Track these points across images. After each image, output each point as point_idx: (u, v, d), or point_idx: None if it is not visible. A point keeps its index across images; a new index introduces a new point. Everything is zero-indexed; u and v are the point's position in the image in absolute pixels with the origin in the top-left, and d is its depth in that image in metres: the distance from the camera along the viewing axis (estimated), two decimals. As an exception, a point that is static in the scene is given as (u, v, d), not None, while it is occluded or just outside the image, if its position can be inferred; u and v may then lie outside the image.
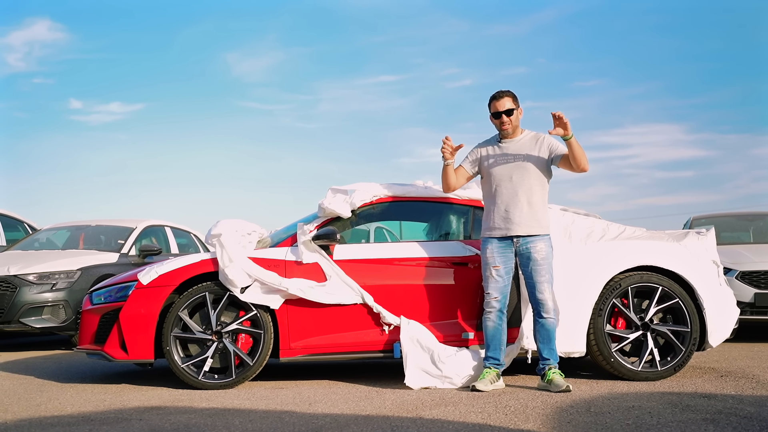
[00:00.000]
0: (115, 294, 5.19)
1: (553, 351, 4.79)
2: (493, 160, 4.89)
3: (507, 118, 4.85)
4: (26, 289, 7.50)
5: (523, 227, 4.76)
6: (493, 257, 4.80)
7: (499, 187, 4.84)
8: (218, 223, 5.20)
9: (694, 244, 5.28)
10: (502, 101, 4.86)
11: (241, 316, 5.03)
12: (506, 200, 4.81)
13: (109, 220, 9.53)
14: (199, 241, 10.34)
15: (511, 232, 4.77)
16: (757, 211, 10.10)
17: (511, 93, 4.90)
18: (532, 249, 4.75)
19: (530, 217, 4.77)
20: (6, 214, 10.11)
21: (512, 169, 4.83)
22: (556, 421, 3.71)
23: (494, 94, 4.91)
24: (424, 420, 3.79)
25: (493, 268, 4.79)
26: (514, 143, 4.90)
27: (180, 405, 4.39)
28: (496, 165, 4.86)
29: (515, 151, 4.86)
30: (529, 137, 4.93)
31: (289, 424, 3.74)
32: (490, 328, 4.79)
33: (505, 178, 4.83)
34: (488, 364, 4.80)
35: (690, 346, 5.01)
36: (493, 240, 4.83)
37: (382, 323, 5.04)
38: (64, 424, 3.87)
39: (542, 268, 4.75)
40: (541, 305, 4.75)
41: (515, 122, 4.89)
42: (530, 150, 4.86)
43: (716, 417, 3.74)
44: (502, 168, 4.84)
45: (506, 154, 4.87)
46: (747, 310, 7.12)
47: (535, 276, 4.75)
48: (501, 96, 4.87)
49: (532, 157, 4.84)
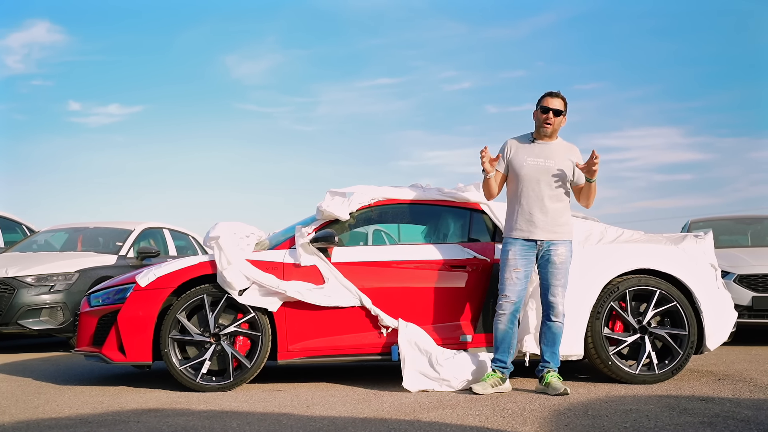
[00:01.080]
0: (113, 296, 5.19)
1: (555, 355, 4.79)
2: (522, 159, 4.83)
3: (554, 117, 4.82)
4: (24, 290, 7.49)
5: (546, 232, 4.75)
6: (515, 260, 4.76)
7: (525, 188, 4.81)
8: (216, 226, 5.20)
9: (692, 248, 5.29)
10: (555, 100, 4.84)
11: (239, 318, 5.03)
12: (532, 203, 4.77)
13: (108, 222, 9.52)
14: (198, 244, 10.34)
15: (534, 236, 4.75)
16: (755, 215, 10.11)
17: (565, 99, 4.89)
18: (553, 252, 4.75)
19: (554, 222, 4.76)
20: (4, 216, 10.11)
21: (541, 171, 4.78)
22: (554, 425, 3.72)
23: (550, 91, 4.89)
24: (421, 423, 3.79)
25: (514, 270, 4.75)
26: (547, 146, 4.86)
27: (178, 407, 4.39)
28: (526, 165, 4.81)
29: (547, 154, 4.83)
30: (563, 144, 4.92)
31: (287, 427, 3.74)
32: (500, 330, 4.77)
33: (533, 180, 4.78)
34: (495, 366, 4.79)
35: (688, 350, 5.02)
36: (517, 242, 4.79)
37: (380, 326, 5.04)
38: (62, 426, 3.87)
39: (559, 271, 4.75)
40: (552, 308, 4.75)
41: (557, 125, 4.86)
42: (561, 156, 4.83)
43: (714, 420, 3.74)
44: (531, 169, 4.79)
45: (538, 156, 4.82)
46: (745, 313, 7.12)
47: (551, 278, 4.75)
48: (556, 95, 4.86)
49: (563, 163, 4.81)
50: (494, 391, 4.67)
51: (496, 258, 5.16)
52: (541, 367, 4.78)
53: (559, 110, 4.83)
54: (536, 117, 4.91)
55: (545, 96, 4.88)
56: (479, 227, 5.40)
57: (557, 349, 4.80)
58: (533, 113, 4.94)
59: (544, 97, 4.88)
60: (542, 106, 4.86)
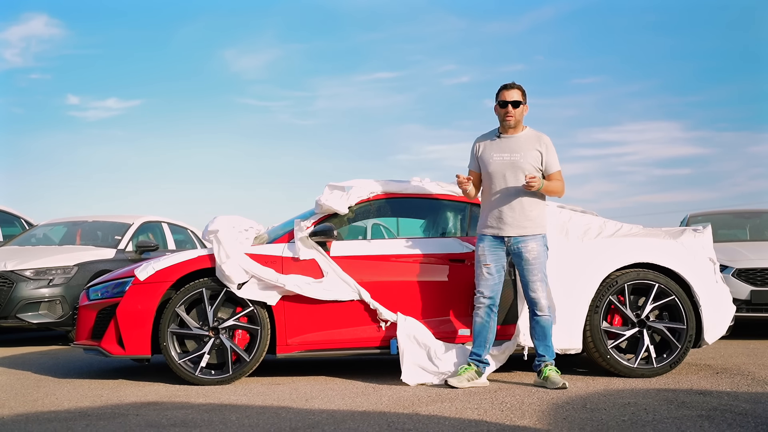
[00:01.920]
0: (112, 290, 5.19)
1: (549, 348, 4.78)
2: (489, 156, 4.83)
3: (513, 109, 4.78)
4: (23, 284, 7.49)
5: (514, 228, 4.74)
6: (485, 255, 4.79)
7: (493, 184, 4.81)
8: (215, 220, 5.20)
9: (690, 242, 5.29)
10: (512, 92, 4.81)
11: (238, 312, 5.03)
12: (500, 199, 4.77)
13: (106, 216, 9.50)
14: (196, 238, 10.33)
15: (503, 232, 4.75)
16: (754, 209, 10.12)
17: (522, 88, 4.86)
18: (523, 249, 4.73)
19: (522, 217, 4.74)
20: (3, 210, 10.09)
21: (507, 166, 4.77)
22: (552, 418, 3.72)
23: (505, 84, 4.86)
24: (420, 416, 3.80)
25: (484, 266, 4.78)
26: (512, 139, 4.84)
27: (177, 400, 4.39)
28: (492, 161, 4.81)
29: (512, 147, 4.81)
30: (530, 134, 4.87)
31: (286, 420, 3.75)
32: (477, 324, 4.79)
33: (500, 175, 4.78)
34: (470, 359, 4.80)
35: (686, 343, 5.02)
36: (486, 238, 4.81)
37: (378, 320, 5.04)
38: (61, 419, 3.87)
39: (534, 267, 4.72)
40: (535, 303, 4.74)
41: (519, 116, 4.83)
42: (528, 147, 4.80)
43: (712, 414, 3.75)
44: (497, 165, 4.79)
45: (503, 150, 4.81)
46: (743, 307, 7.13)
47: (528, 275, 4.73)
48: (511, 87, 4.83)
49: (529, 155, 4.77)
50: (470, 385, 4.66)
51: (495, 252, 5.16)
52: (538, 361, 4.79)
53: (518, 101, 4.79)
54: (497, 112, 4.88)
55: (501, 90, 4.85)
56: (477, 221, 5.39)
57: (550, 341, 4.79)
58: (494, 108, 4.90)
59: (500, 91, 4.85)
60: (500, 100, 4.83)
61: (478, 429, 3.48)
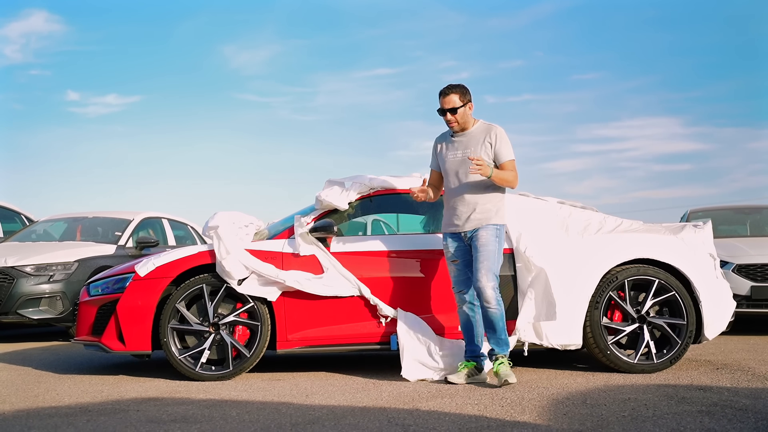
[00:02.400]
0: (112, 285, 5.19)
1: (500, 340, 4.67)
2: (444, 155, 4.85)
3: (451, 116, 4.73)
4: (24, 280, 7.49)
5: (469, 222, 4.71)
6: (450, 252, 4.81)
7: (448, 183, 4.84)
8: (215, 215, 5.20)
9: (691, 237, 5.29)
10: (448, 98, 4.72)
11: (239, 308, 5.03)
12: (454, 196, 4.78)
13: (107, 211, 9.51)
14: (196, 233, 10.33)
15: (459, 228, 4.75)
16: (754, 205, 10.12)
17: (460, 89, 4.74)
18: (475, 238, 4.69)
19: (476, 211, 4.70)
20: (3, 206, 10.10)
21: (459, 164, 4.76)
22: (552, 414, 3.73)
23: (442, 89, 4.76)
24: (420, 412, 3.80)
25: (452, 262, 4.80)
26: (466, 136, 4.80)
27: (177, 396, 4.40)
28: (446, 160, 4.82)
29: (463, 145, 4.78)
30: (481, 128, 4.79)
31: (286, 416, 3.75)
32: (463, 321, 4.82)
33: (453, 173, 4.80)
34: (467, 357, 4.81)
35: (686, 339, 5.03)
36: (448, 236, 4.83)
37: (378, 315, 5.05)
38: (62, 414, 3.88)
39: (481, 254, 4.62)
40: (480, 293, 4.61)
41: (461, 119, 4.75)
42: (477, 143, 4.74)
43: (712, 409, 3.75)
44: (450, 163, 4.80)
45: (456, 149, 4.80)
46: (743, 303, 7.13)
47: (475, 263, 4.65)
48: (448, 93, 4.72)
49: (479, 148, 4.72)
50: (470, 381, 4.66)
51: (495, 248, 5.16)
52: (489, 355, 4.74)
53: (455, 108, 4.71)
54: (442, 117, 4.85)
55: (439, 96, 4.77)
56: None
57: (501, 333, 4.64)
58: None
59: (439, 98, 4.78)
60: (438, 109, 4.80)
61: (478, 425, 3.49)
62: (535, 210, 5.42)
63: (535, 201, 5.56)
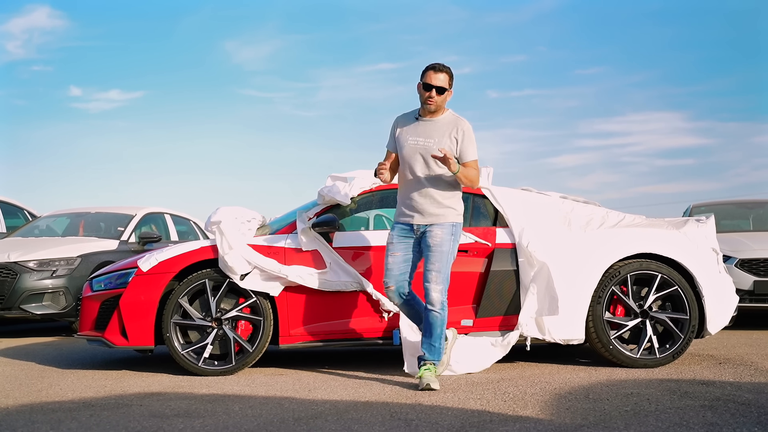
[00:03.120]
0: (115, 281, 5.20)
1: (432, 347, 4.44)
2: (404, 139, 4.56)
3: (436, 95, 4.46)
4: (27, 275, 7.50)
5: (424, 216, 4.50)
6: (393, 244, 4.58)
7: (405, 170, 4.56)
8: (218, 210, 5.20)
9: (693, 232, 5.28)
10: (439, 75, 4.46)
11: (241, 303, 5.04)
12: (412, 186, 4.53)
13: (109, 207, 9.52)
14: (199, 229, 10.34)
15: (413, 220, 4.53)
16: (757, 199, 10.10)
17: (451, 72, 4.52)
18: (428, 235, 4.47)
19: (434, 205, 4.49)
20: (6, 201, 10.10)
21: (423, 151, 4.49)
22: (555, 408, 3.73)
23: (434, 64, 4.50)
24: (423, 406, 3.81)
25: (391, 255, 4.56)
26: (432, 123, 4.55)
27: (180, 391, 4.41)
28: (406, 144, 4.54)
29: (430, 131, 4.52)
30: (449, 119, 4.57)
31: (289, 410, 3.76)
32: (406, 313, 4.71)
33: (412, 161, 4.51)
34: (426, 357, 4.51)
35: (689, 334, 5.02)
36: (397, 226, 4.60)
37: (381, 310, 5.05)
38: (65, 409, 3.88)
39: (434, 255, 4.43)
40: (426, 295, 4.42)
41: (441, 102, 4.51)
42: (445, 133, 4.51)
43: (714, 404, 3.75)
44: (410, 149, 4.52)
45: (418, 134, 4.53)
46: (746, 297, 7.13)
47: (426, 263, 4.46)
48: (440, 70, 4.47)
49: (443, 141, 4.49)
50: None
51: (498, 243, 5.16)
52: (418, 359, 4.54)
53: (443, 88, 4.47)
54: (419, 91, 4.53)
55: (428, 70, 4.48)
56: (480, 212, 5.39)
57: (436, 340, 4.43)
58: (417, 85, 4.54)
59: (426, 71, 4.49)
60: (424, 82, 4.48)
61: (480, 419, 3.49)
62: (538, 205, 5.42)
63: (538, 196, 5.56)
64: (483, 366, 4.90)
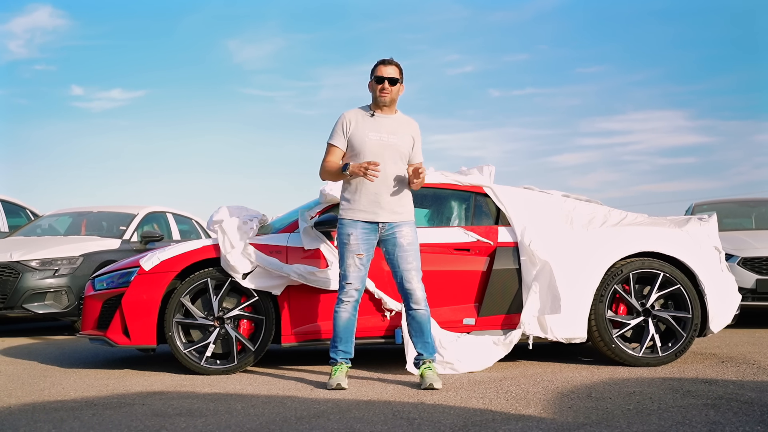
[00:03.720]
0: (117, 280, 5.20)
1: (427, 344, 4.48)
2: (363, 133, 4.45)
3: (389, 86, 4.46)
4: (29, 274, 7.51)
5: (390, 213, 4.44)
6: (358, 244, 4.41)
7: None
8: (220, 209, 5.20)
9: (695, 231, 5.28)
10: (389, 68, 4.48)
11: (243, 302, 5.04)
12: (378, 182, 4.39)
13: (111, 206, 9.53)
14: (201, 228, 10.35)
15: (378, 217, 4.42)
16: (759, 198, 10.10)
17: (400, 66, 4.54)
18: (398, 234, 4.43)
19: (398, 202, 4.46)
20: (8, 200, 10.12)
21: (385, 147, 4.43)
22: (557, 407, 3.73)
23: (383, 59, 4.52)
24: (425, 405, 3.81)
25: (357, 256, 4.41)
26: (389, 119, 4.52)
27: (182, 390, 4.41)
28: (369, 140, 4.43)
29: (389, 127, 4.49)
30: (404, 118, 4.60)
31: (291, 409, 3.76)
32: (344, 320, 4.43)
33: (378, 156, 4.40)
34: (340, 358, 4.47)
35: (691, 332, 5.02)
36: (358, 224, 4.43)
37: (383, 309, 5.05)
38: (68, 408, 3.89)
39: (409, 254, 4.44)
40: (411, 295, 4.44)
41: (395, 95, 4.51)
42: (404, 131, 4.52)
43: (717, 402, 3.75)
44: (375, 144, 4.43)
45: (379, 130, 4.47)
46: (748, 296, 7.13)
47: (402, 263, 4.43)
48: (390, 63, 4.50)
49: (405, 138, 4.51)
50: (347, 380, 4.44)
51: (500, 241, 5.16)
52: (416, 360, 4.55)
53: (395, 78, 4.47)
54: (372, 88, 4.54)
55: (378, 65, 4.51)
56: (482, 210, 5.39)
57: (428, 337, 4.48)
58: (368, 84, 4.56)
59: (377, 66, 4.52)
60: (376, 75, 4.49)
61: (483, 418, 3.49)
62: (540, 203, 5.41)
63: (540, 194, 5.55)
64: (485, 365, 4.91)
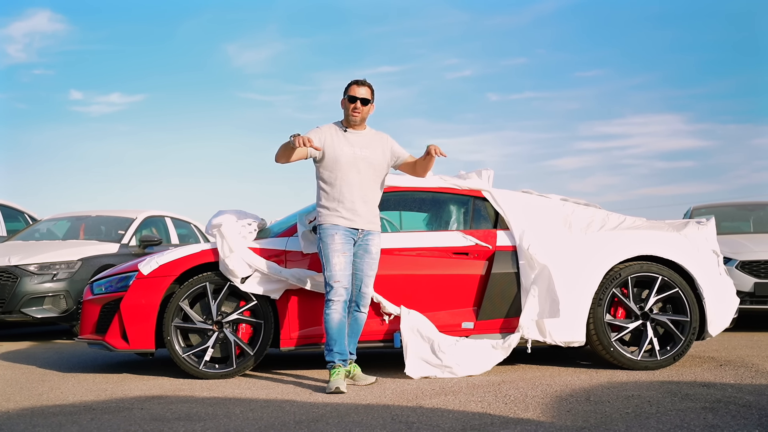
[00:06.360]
0: (115, 284, 5.20)
1: (356, 344, 4.85)
2: (339, 146, 4.74)
3: (362, 106, 4.76)
4: (27, 279, 7.51)
5: (366, 222, 4.73)
6: (342, 244, 4.65)
7: (346, 176, 4.71)
8: (219, 214, 5.20)
9: (694, 234, 5.28)
10: (363, 89, 4.79)
11: (242, 306, 5.04)
12: (353, 192, 4.71)
13: (110, 210, 9.52)
14: (200, 232, 10.34)
15: (356, 224, 4.69)
16: (757, 201, 10.10)
17: (372, 87, 4.85)
18: (370, 242, 4.75)
19: (372, 213, 4.77)
20: (6, 205, 10.11)
21: (359, 160, 4.74)
22: (556, 410, 3.73)
23: (356, 80, 4.82)
24: (424, 409, 3.81)
25: (342, 255, 4.62)
26: (360, 135, 4.82)
27: (181, 394, 4.41)
28: (343, 152, 4.73)
29: (362, 143, 4.79)
30: (373, 134, 4.89)
31: (290, 413, 3.76)
32: (336, 321, 4.56)
33: (353, 169, 4.72)
34: (337, 360, 4.55)
35: (689, 336, 5.02)
36: (339, 228, 4.66)
37: (382, 313, 5.05)
38: (66, 413, 3.89)
39: (374, 262, 4.77)
40: (363, 298, 4.76)
41: (365, 114, 4.81)
42: (375, 147, 4.82)
43: (715, 406, 3.75)
44: (350, 158, 4.72)
45: (353, 145, 4.76)
46: (747, 299, 7.13)
47: (366, 269, 4.74)
48: (363, 84, 4.81)
49: (377, 154, 4.80)
50: (353, 383, 4.61)
51: (498, 245, 5.17)
52: (348, 359, 4.65)
53: (367, 99, 4.78)
54: (344, 106, 4.83)
55: (351, 85, 4.81)
56: (481, 214, 5.40)
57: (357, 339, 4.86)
58: (341, 102, 4.84)
59: (350, 85, 4.81)
60: (349, 95, 4.78)
61: (481, 422, 3.49)
62: (538, 207, 5.42)
63: (538, 198, 5.56)
64: (484, 368, 4.91)
